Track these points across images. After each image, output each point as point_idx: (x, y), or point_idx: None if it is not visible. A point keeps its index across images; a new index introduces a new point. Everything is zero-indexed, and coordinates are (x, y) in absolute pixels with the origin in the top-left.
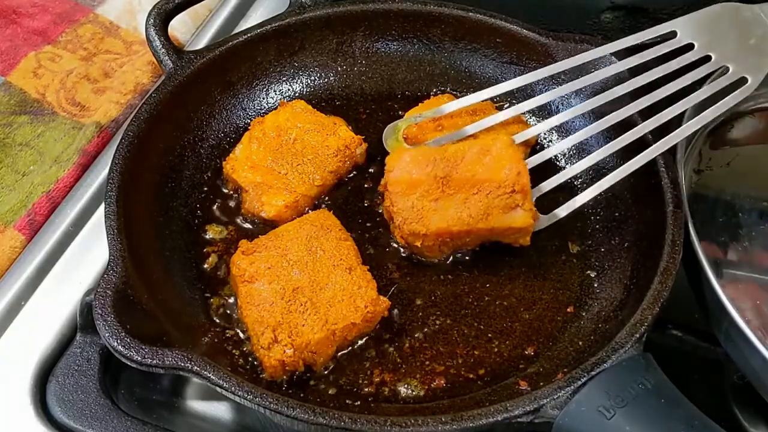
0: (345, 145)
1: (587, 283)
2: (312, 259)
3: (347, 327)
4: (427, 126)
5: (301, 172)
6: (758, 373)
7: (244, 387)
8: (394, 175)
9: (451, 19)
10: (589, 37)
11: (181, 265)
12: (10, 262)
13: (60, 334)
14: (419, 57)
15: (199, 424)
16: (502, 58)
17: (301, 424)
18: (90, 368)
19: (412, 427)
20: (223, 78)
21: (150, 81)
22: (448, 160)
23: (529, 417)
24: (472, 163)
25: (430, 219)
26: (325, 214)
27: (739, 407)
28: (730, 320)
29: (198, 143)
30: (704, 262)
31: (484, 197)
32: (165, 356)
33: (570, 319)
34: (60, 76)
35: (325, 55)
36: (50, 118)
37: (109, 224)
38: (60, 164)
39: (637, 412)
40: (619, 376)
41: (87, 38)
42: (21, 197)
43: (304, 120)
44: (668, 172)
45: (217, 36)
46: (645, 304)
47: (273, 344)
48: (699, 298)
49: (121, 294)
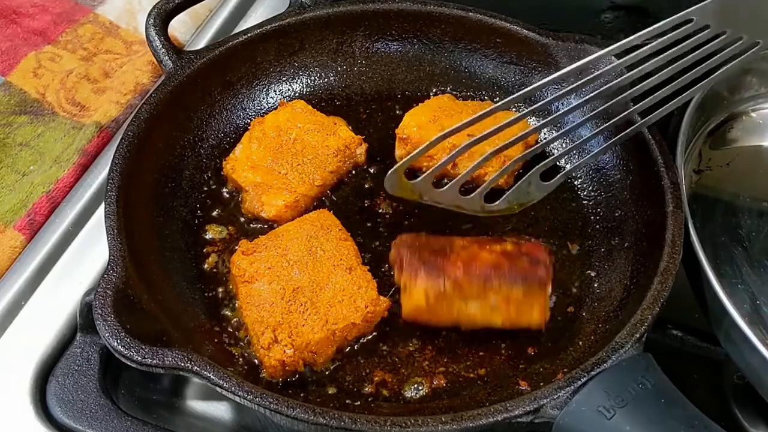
0: (345, 145)
1: (587, 283)
2: (312, 259)
3: (347, 327)
4: (429, 126)
5: (301, 172)
6: (758, 373)
7: (244, 387)
8: (410, 313)
9: (451, 19)
10: (589, 37)
11: (181, 265)
12: (10, 262)
13: (60, 334)
14: (419, 57)
15: (199, 424)
16: (502, 58)
17: (301, 424)
18: (90, 368)
19: (412, 427)
20: (223, 78)
21: (150, 81)
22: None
23: (529, 417)
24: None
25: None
26: (325, 214)
27: (739, 407)
28: (730, 320)
29: (198, 143)
30: (704, 262)
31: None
32: (165, 356)
33: (570, 319)
34: (60, 76)
35: (325, 55)
36: (50, 118)
37: (109, 224)
38: (60, 164)
39: (637, 412)
40: (619, 376)
41: (87, 38)
42: (21, 197)
43: (304, 120)
44: (668, 173)
45: (217, 36)
46: (645, 304)
47: (273, 344)
48: (699, 298)
49: (121, 294)
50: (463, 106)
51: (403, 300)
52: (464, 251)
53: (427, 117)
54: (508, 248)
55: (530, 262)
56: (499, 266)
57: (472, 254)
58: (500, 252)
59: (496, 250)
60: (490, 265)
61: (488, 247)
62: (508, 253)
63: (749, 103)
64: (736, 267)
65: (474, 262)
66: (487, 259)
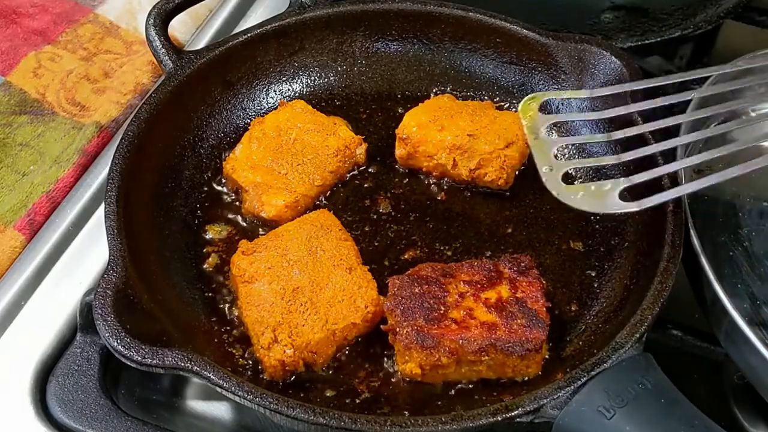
0: (345, 145)
1: (587, 283)
2: (312, 259)
3: (347, 327)
4: (429, 126)
5: (301, 172)
6: (758, 373)
7: (244, 387)
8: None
9: (451, 19)
10: (589, 37)
11: (181, 265)
12: (10, 262)
13: (60, 334)
14: (419, 57)
15: (199, 424)
16: (502, 58)
17: (301, 424)
18: (90, 368)
19: (412, 427)
20: (223, 78)
21: (150, 81)
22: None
23: (529, 417)
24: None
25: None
26: (325, 214)
27: (739, 407)
28: (730, 320)
29: (198, 143)
30: (704, 262)
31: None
32: (165, 356)
33: (570, 319)
34: (60, 76)
35: (325, 55)
36: (50, 118)
37: (109, 224)
38: (60, 164)
39: (637, 412)
40: (619, 376)
41: (87, 38)
42: (21, 197)
43: (304, 120)
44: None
45: (217, 36)
46: (645, 304)
47: (273, 344)
48: (699, 298)
49: (121, 294)
50: (463, 106)
51: (398, 360)
52: (458, 309)
53: (427, 117)
54: (504, 295)
55: (528, 319)
56: (494, 331)
57: (468, 311)
58: (495, 304)
59: (491, 302)
60: (485, 333)
61: (483, 298)
62: (504, 306)
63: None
64: (736, 267)
65: (469, 331)
66: (482, 321)
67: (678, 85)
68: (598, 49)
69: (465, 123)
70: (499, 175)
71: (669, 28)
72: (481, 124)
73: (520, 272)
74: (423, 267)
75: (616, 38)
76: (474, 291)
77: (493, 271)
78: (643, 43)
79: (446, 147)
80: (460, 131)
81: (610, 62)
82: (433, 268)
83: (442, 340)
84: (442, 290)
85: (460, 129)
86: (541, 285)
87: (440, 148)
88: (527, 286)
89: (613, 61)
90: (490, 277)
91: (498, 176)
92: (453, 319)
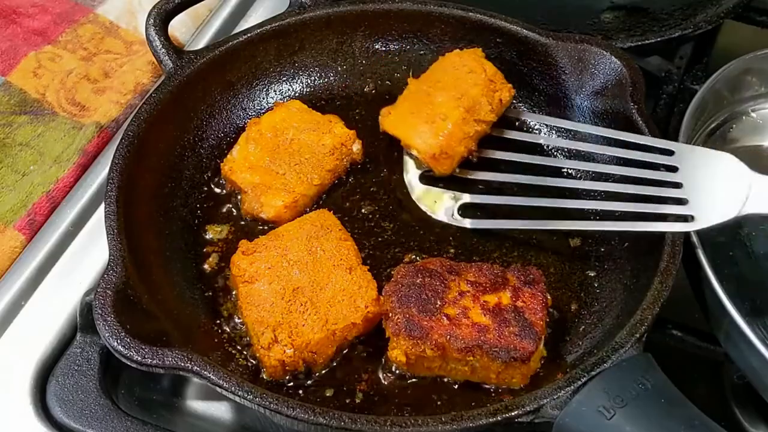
0: (341, 142)
1: (587, 283)
2: (312, 259)
3: (347, 327)
4: (454, 134)
5: (299, 171)
6: (758, 373)
7: (244, 387)
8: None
9: (451, 19)
10: (589, 37)
11: (181, 265)
12: (10, 262)
13: (60, 334)
14: (419, 57)
15: (199, 424)
16: (502, 58)
17: (301, 424)
18: (90, 368)
19: (412, 427)
20: (223, 78)
21: (150, 81)
22: None
23: (529, 417)
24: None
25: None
26: (325, 214)
27: (739, 407)
28: (730, 320)
29: (198, 143)
30: (704, 262)
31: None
32: (165, 356)
33: (570, 319)
34: (60, 76)
35: (325, 55)
36: (50, 118)
37: (109, 224)
38: (60, 164)
39: (637, 412)
40: (619, 376)
41: (87, 38)
42: (21, 197)
43: (300, 119)
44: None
45: (217, 36)
46: (645, 304)
47: (273, 344)
48: (699, 298)
49: (121, 294)
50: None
51: (389, 346)
52: (455, 306)
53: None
54: (503, 302)
55: (521, 329)
56: (484, 334)
57: (463, 310)
58: (492, 308)
59: (488, 306)
60: (475, 333)
61: (482, 300)
62: (501, 312)
63: (749, 103)
64: (736, 267)
65: (459, 329)
66: (474, 322)
67: (679, 83)
68: (598, 49)
69: (466, 125)
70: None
71: (669, 28)
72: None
73: (527, 283)
74: (433, 261)
75: (616, 38)
76: (475, 292)
77: (499, 276)
78: (643, 43)
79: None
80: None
81: (610, 62)
82: (442, 263)
83: (431, 332)
84: (443, 285)
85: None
86: (544, 300)
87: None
88: (530, 298)
89: (613, 61)
90: (495, 281)
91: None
92: (447, 314)
